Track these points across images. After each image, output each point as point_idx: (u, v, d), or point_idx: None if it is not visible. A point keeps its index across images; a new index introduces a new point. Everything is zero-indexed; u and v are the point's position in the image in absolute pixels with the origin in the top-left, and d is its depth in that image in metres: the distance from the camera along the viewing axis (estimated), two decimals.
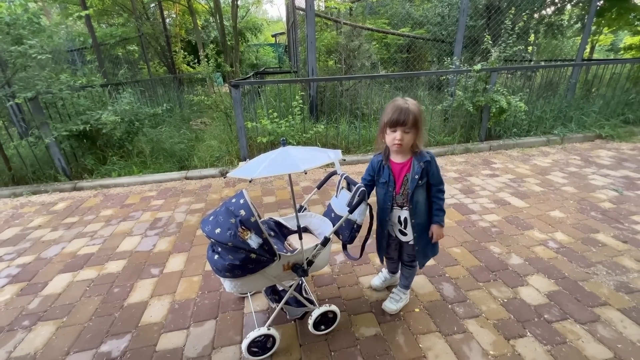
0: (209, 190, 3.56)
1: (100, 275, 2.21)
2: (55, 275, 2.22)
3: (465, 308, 1.80)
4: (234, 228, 1.33)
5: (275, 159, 1.21)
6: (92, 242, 2.63)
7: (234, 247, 1.33)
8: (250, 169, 1.24)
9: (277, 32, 23.80)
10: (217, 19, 8.33)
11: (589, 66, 5.92)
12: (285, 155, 1.23)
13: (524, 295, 1.88)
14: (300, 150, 1.28)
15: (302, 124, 4.10)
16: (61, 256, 2.45)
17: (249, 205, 1.37)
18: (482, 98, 4.40)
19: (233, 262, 1.34)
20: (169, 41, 10.43)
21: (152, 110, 4.39)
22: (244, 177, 1.16)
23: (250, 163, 1.30)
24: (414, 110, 1.40)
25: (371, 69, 5.57)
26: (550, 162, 4.07)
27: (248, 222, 1.35)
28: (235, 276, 1.39)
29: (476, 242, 2.42)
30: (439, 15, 6.79)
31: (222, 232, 1.34)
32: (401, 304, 1.78)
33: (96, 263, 2.34)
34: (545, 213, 2.80)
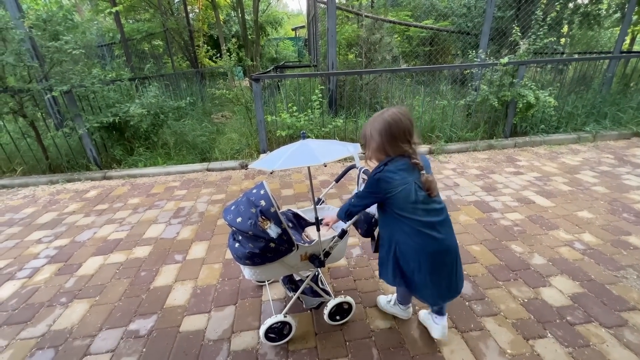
0: (229, 182, 3.66)
1: (128, 259, 2.34)
2: (88, 258, 2.38)
3: (483, 306, 1.78)
4: (254, 217, 1.38)
5: (295, 152, 1.24)
6: (120, 228, 2.78)
7: (254, 236, 1.38)
8: (270, 161, 1.27)
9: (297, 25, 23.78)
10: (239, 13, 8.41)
11: (628, 59, 5.54)
12: (305, 148, 1.25)
13: (546, 296, 1.83)
14: (320, 143, 1.30)
15: (320, 118, 4.12)
16: (93, 240, 2.61)
17: (269, 196, 1.41)
18: (509, 93, 4.23)
19: (253, 250, 1.39)
20: (192, 36, 10.66)
21: (176, 103, 4.54)
22: (265, 168, 1.20)
23: (270, 155, 1.34)
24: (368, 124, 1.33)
25: (392, 62, 5.48)
26: (580, 160, 3.88)
27: (268, 212, 1.39)
28: (254, 264, 1.45)
29: (497, 240, 2.37)
30: (465, 7, 6.55)
31: (243, 221, 1.39)
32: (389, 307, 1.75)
33: (125, 248, 2.48)
34: (573, 213, 2.69)
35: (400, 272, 1.44)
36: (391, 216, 1.35)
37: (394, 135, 1.26)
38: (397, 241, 1.40)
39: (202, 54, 10.84)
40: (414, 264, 1.44)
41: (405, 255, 1.43)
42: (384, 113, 1.29)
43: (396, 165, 1.27)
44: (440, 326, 1.53)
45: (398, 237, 1.40)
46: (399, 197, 1.28)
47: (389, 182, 1.27)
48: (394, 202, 1.30)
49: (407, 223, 1.39)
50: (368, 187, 1.33)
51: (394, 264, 1.42)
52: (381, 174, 1.27)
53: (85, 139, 3.91)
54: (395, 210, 1.31)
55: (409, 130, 1.27)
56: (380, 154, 1.32)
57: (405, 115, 1.28)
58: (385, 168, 1.27)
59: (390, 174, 1.26)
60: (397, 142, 1.27)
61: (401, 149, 1.28)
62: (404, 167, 1.28)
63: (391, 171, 1.27)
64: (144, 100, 4.05)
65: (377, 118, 1.30)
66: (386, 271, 1.48)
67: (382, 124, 1.27)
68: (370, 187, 1.32)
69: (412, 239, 1.42)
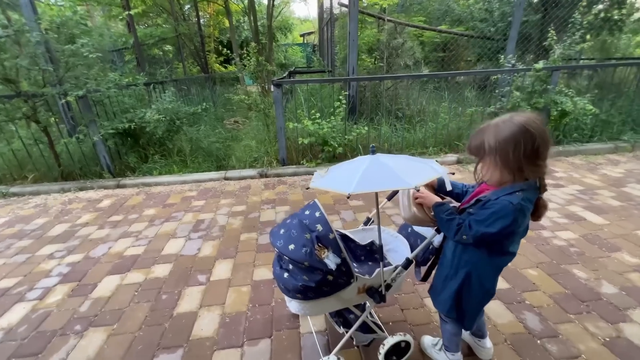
0: (248, 192, 3.47)
1: (147, 280, 2.14)
2: (104, 277, 2.18)
3: (559, 346, 1.54)
4: (309, 245, 1.17)
5: (370, 170, 1.02)
6: (137, 242, 2.59)
7: (310, 267, 1.17)
8: (340, 181, 1.06)
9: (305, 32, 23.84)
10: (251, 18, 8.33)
11: None
12: (380, 166, 1.04)
13: (629, 334, 1.58)
14: (396, 160, 1.09)
15: (343, 124, 3.92)
16: (109, 256, 2.42)
17: (326, 220, 1.21)
18: (542, 99, 4.01)
19: (307, 284, 1.18)
20: (203, 41, 10.63)
21: (192, 109, 4.38)
22: (339, 191, 0.98)
23: (333, 173, 1.13)
24: (489, 130, 1.03)
25: (414, 68, 5.29)
26: (622, 172, 3.62)
27: (326, 238, 1.18)
28: (306, 298, 1.23)
29: (554, 263, 2.13)
30: (487, 11, 6.36)
31: (296, 249, 1.18)
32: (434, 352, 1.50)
33: (143, 266, 2.28)
34: (632, 232, 2.44)
35: (458, 303, 1.23)
36: (485, 250, 1.13)
37: (536, 151, 0.97)
38: (480, 277, 1.18)
39: (213, 60, 10.80)
40: (480, 300, 1.25)
41: (478, 292, 1.22)
42: (514, 118, 1.00)
43: (529, 194, 1.02)
44: (488, 350, 1.48)
45: (482, 272, 1.18)
46: (519, 231, 1.05)
47: (526, 216, 1.02)
48: (511, 238, 1.07)
49: (506, 259, 1.17)
50: (500, 214, 1.00)
51: (456, 294, 1.22)
52: (522, 203, 1.00)
53: (99, 146, 3.76)
54: (506, 244, 1.09)
55: (550, 145, 1.00)
56: (506, 175, 1.03)
57: (543, 122, 1.00)
58: (525, 195, 1.01)
59: (529, 204, 1.02)
60: (538, 161, 0.99)
61: (540, 171, 1.02)
62: (533, 197, 1.04)
63: (529, 200, 1.02)
64: (160, 105, 3.90)
65: (503, 124, 1.00)
66: (443, 300, 1.28)
67: (517, 133, 0.97)
68: (505, 217, 1.00)
69: (494, 275, 1.21)
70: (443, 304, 1.29)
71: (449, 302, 1.26)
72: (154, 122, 3.66)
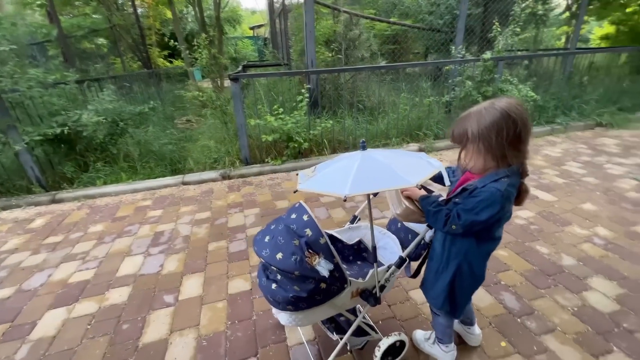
0: (211, 197, 3.21)
1: (102, 309, 1.84)
2: (44, 312, 1.84)
3: (537, 322, 1.62)
4: (299, 252, 1.06)
5: (363, 168, 0.93)
6: (84, 265, 2.24)
7: (301, 277, 1.05)
8: (332, 182, 0.96)
9: (254, 24, 23.01)
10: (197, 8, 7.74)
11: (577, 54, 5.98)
12: (374, 163, 0.96)
13: (593, 302, 1.73)
14: (387, 155, 1.01)
15: (307, 119, 3.80)
16: (49, 286, 2.05)
17: (315, 223, 1.10)
18: (490, 88, 4.27)
19: (299, 294, 1.07)
20: (143, 33, 9.67)
21: (138, 108, 3.93)
22: (334, 194, 0.87)
23: (321, 172, 1.02)
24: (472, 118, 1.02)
25: (371, 59, 5.32)
26: (560, 151, 4.02)
27: (316, 244, 1.08)
28: (298, 309, 1.12)
29: (519, 242, 2.26)
30: (435, 4, 6.62)
31: (285, 258, 1.06)
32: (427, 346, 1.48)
33: (94, 293, 1.97)
34: (578, 206, 2.70)
35: (450, 295, 1.22)
36: (472, 237, 1.11)
37: (518, 136, 0.97)
38: (470, 265, 1.17)
39: (156, 54, 9.92)
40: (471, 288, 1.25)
41: (469, 281, 1.21)
42: (496, 104, 0.98)
43: (513, 180, 1.02)
44: (476, 336, 1.50)
45: (472, 260, 1.17)
46: (505, 217, 1.04)
47: (511, 201, 1.02)
48: (498, 223, 1.06)
49: (493, 244, 1.17)
50: (488, 202, 0.99)
51: (448, 287, 1.20)
52: (508, 189, 0.99)
53: (23, 156, 3.19)
54: (492, 232, 1.08)
55: (530, 129, 1.00)
56: (490, 162, 1.02)
57: (523, 107, 0.99)
58: (510, 181, 1.00)
59: (513, 190, 1.01)
60: (520, 146, 0.99)
61: (523, 156, 1.02)
62: (517, 183, 1.03)
63: (514, 186, 1.01)
64: (99, 106, 3.42)
65: (485, 111, 0.98)
66: (436, 294, 1.26)
67: (500, 119, 0.95)
68: (493, 204, 0.99)
69: (483, 262, 1.21)
70: (436, 299, 1.27)
71: (442, 296, 1.23)
72: (93, 125, 3.20)
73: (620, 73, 5.87)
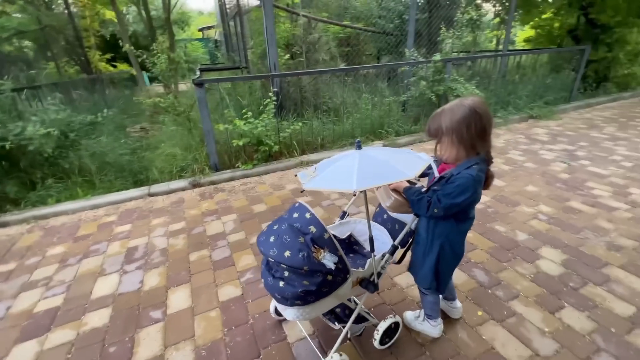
0: (183, 206, 3.09)
1: (81, 335, 1.72)
2: (11, 347, 1.66)
3: (504, 290, 1.86)
4: (306, 249, 1.13)
5: (364, 165, 1.03)
6: (49, 292, 2.05)
7: (309, 271, 1.12)
8: (338, 179, 1.03)
9: (203, 25, 22.14)
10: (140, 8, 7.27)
11: (512, 55, 6.76)
12: (373, 161, 1.06)
13: (545, 268, 2.02)
14: (381, 152, 1.12)
15: (275, 122, 3.83)
16: (10, 319, 1.84)
17: (318, 220, 1.18)
18: (441, 87, 4.67)
19: (308, 288, 1.14)
20: (80, 35, 8.83)
21: (89, 118, 3.62)
22: (344, 190, 0.96)
23: (327, 173, 1.09)
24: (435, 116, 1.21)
25: (331, 62, 5.49)
26: (503, 142, 4.53)
27: (321, 239, 1.15)
28: (306, 303, 1.19)
29: (481, 224, 2.55)
30: (385, 9, 7.01)
31: (293, 255, 1.12)
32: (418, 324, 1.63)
33: (69, 319, 1.82)
34: (523, 189, 3.10)
35: (437, 272, 1.38)
36: (452, 218, 1.27)
37: (484, 128, 1.14)
38: (451, 243, 1.34)
39: (97, 57, 9.11)
40: (453, 264, 1.42)
41: (451, 257, 1.38)
42: (464, 102, 1.16)
43: (482, 167, 1.19)
44: (458, 309, 1.67)
45: (452, 239, 1.33)
46: (477, 198, 1.21)
47: (482, 185, 1.18)
48: (473, 205, 1.22)
49: (469, 223, 1.34)
50: (464, 187, 1.15)
51: (434, 265, 1.36)
52: (480, 174, 1.16)
53: None
54: (468, 210, 1.25)
55: (492, 122, 1.18)
56: (462, 152, 1.18)
57: (485, 104, 1.17)
58: (479, 167, 1.16)
59: (483, 175, 1.18)
60: (486, 137, 1.17)
61: (488, 145, 1.19)
62: (485, 169, 1.20)
63: (483, 171, 1.18)
64: (45, 116, 3.10)
65: (457, 108, 1.15)
66: (424, 274, 1.40)
67: (468, 114, 1.13)
68: (467, 188, 1.15)
69: (462, 239, 1.39)
70: (424, 279, 1.41)
71: (429, 275, 1.38)
72: (40, 138, 2.89)
73: (544, 71, 6.75)
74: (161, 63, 3.99)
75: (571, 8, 6.99)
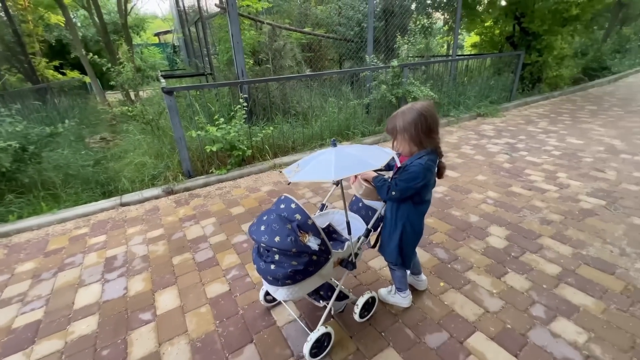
0: (159, 214, 3.10)
1: (70, 343, 1.73)
2: None
3: (460, 264, 2.17)
4: (293, 234, 1.31)
5: (340, 159, 1.23)
6: (27, 307, 2.01)
7: (297, 253, 1.30)
8: (318, 172, 1.22)
9: (159, 30, 21.28)
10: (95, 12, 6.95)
11: (460, 60, 7.45)
12: (347, 155, 1.26)
13: (492, 243, 2.38)
14: (354, 148, 1.33)
15: (246, 127, 3.94)
16: None
17: (302, 209, 1.36)
18: (400, 90, 5.08)
19: (296, 268, 1.32)
20: (22, 41, 8.17)
21: (49, 129, 3.47)
22: (324, 180, 1.15)
23: (309, 167, 1.28)
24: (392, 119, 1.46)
25: (297, 68, 5.69)
26: (457, 138, 5.03)
27: (306, 225, 1.34)
28: (295, 282, 1.37)
29: (440, 210, 2.88)
30: (345, 17, 7.37)
31: (282, 240, 1.30)
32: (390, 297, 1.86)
33: (53, 330, 1.82)
34: (474, 178, 3.51)
35: (400, 249, 1.63)
36: (410, 202, 1.52)
37: (430, 127, 1.40)
38: (412, 223, 1.58)
39: (43, 64, 8.49)
40: (414, 241, 1.68)
41: (412, 236, 1.63)
42: (414, 106, 1.41)
43: (432, 157, 1.44)
44: (424, 281, 1.94)
45: (413, 220, 1.58)
46: (430, 183, 1.46)
47: (432, 172, 1.43)
48: (426, 188, 1.47)
49: (425, 206, 1.60)
50: (415, 173, 1.40)
51: (398, 243, 1.60)
52: (428, 162, 1.41)
53: None
54: (423, 194, 1.49)
55: (438, 122, 1.44)
56: (413, 147, 1.44)
57: (433, 107, 1.43)
58: (429, 157, 1.41)
59: (433, 164, 1.42)
60: (432, 134, 1.42)
61: (435, 142, 1.44)
62: (435, 159, 1.46)
63: (433, 161, 1.43)
64: (1, 128, 2.94)
65: (408, 111, 1.41)
66: (391, 251, 1.64)
67: (417, 116, 1.38)
68: (418, 174, 1.40)
69: (421, 220, 1.65)
70: (391, 254, 1.65)
71: (395, 251, 1.62)
72: None
73: (488, 74, 7.52)
74: (127, 71, 3.91)
75: (507, 18, 7.87)
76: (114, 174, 3.88)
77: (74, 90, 8.99)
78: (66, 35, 11.25)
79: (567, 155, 4.04)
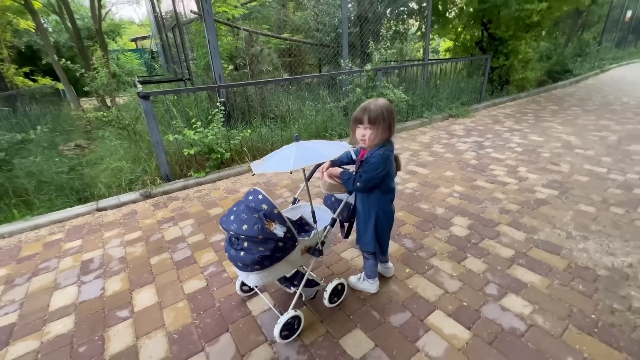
0: (136, 217, 3.12)
1: (46, 342, 1.76)
2: None
3: (426, 252, 2.34)
4: (259, 222, 1.42)
5: (300, 152, 1.35)
6: (1, 311, 2.00)
7: (264, 239, 1.41)
8: (279, 164, 1.34)
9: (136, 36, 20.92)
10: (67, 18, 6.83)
11: (434, 64, 7.80)
12: (306, 149, 1.39)
13: (455, 232, 2.56)
14: (314, 143, 1.46)
15: (224, 130, 4.01)
16: None
17: (268, 199, 1.47)
18: (374, 93, 5.28)
19: (264, 254, 1.43)
20: None
21: (20, 136, 3.43)
22: (283, 170, 1.27)
23: (272, 161, 1.39)
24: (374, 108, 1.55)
25: (274, 72, 5.81)
26: (429, 138, 5.28)
27: (271, 214, 1.45)
28: (263, 267, 1.48)
29: (409, 204, 3.06)
30: (321, 23, 7.58)
31: (249, 228, 1.40)
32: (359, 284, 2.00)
33: (28, 332, 1.84)
34: (442, 174, 3.73)
35: (377, 237, 1.77)
36: (378, 191, 1.66)
37: (394, 117, 1.57)
38: (383, 210, 1.73)
39: (12, 71, 8.23)
40: (388, 226, 1.82)
41: (385, 221, 1.78)
42: (379, 100, 1.57)
43: (389, 148, 1.59)
44: (391, 268, 2.08)
45: (383, 206, 1.73)
46: (392, 172, 1.61)
47: (391, 162, 1.58)
48: (389, 177, 1.62)
49: (392, 194, 1.75)
50: (377, 164, 1.54)
51: (374, 231, 1.74)
52: (387, 152, 1.56)
53: None
54: (388, 183, 1.64)
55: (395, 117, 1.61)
56: (386, 134, 1.57)
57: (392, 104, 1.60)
58: (388, 147, 1.56)
59: (390, 153, 1.57)
60: (394, 125, 1.59)
61: (394, 132, 1.60)
62: (392, 151, 1.61)
63: (390, 151, 1.58)
64: None
65: (384, 103, 1.55)
66: (368, 240, 1.78)
67: (391, 108, 1.54)
68: (379, 164, 1.54)
69: (390, 206, 1.79)
70: (369, 244, 1.79)
71: (372, 239, 1.76)
72: None
73: (460, 77, 7.90)
74: (101, 77, 3.91)
75: (475, 24, 8.31)
76: (90, 180, 3.85)
77: (46, 97, 8.74)
78: (37, 40, 10.93)
79: (528, 151, 4.35)
